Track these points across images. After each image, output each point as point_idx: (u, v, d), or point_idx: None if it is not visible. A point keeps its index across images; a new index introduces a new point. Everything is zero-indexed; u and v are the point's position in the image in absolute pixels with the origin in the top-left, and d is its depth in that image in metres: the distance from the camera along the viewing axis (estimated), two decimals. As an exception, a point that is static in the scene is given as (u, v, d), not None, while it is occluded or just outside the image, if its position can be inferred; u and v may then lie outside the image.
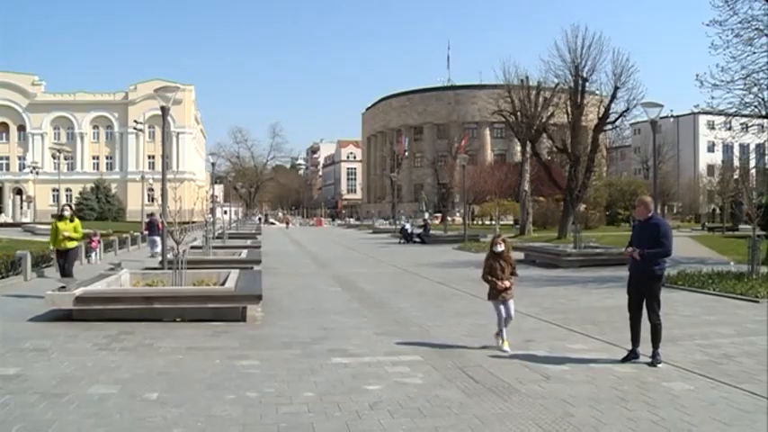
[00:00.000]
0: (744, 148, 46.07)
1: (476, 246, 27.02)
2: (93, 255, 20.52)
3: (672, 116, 77.14)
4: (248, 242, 24.76)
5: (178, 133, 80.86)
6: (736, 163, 56.24)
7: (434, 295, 12.70)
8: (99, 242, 21.55)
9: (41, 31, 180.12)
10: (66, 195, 74.97)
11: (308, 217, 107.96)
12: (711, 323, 9.24)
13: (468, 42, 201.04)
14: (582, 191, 34.11)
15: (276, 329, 8.82)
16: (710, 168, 66.59)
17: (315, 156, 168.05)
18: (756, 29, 17.07)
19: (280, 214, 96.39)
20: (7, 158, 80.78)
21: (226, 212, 68.48)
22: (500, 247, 7.52)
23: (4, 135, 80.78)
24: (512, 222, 53.26)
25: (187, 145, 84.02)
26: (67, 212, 12.24)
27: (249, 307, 9.71)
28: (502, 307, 7.45)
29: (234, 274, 11.18)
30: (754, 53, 17.24)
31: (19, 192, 76.32)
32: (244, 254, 17.86)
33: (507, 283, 7.45)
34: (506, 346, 7.39)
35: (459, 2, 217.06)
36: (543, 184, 43.18)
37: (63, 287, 9.59)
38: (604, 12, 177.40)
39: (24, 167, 75.03)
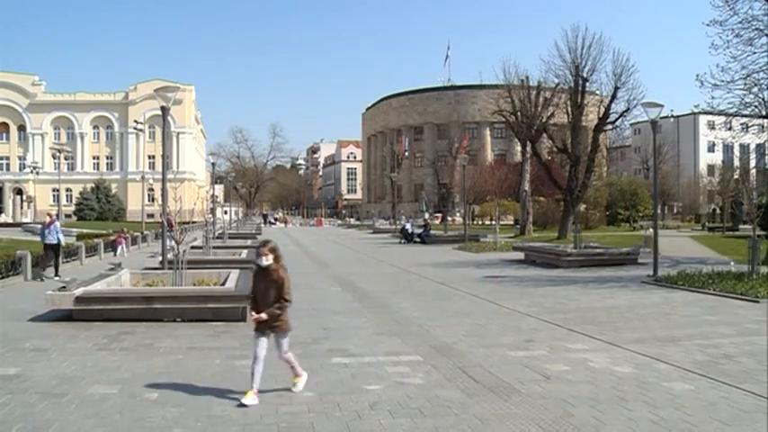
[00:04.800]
0: (744, 148, 45.98)
1: (476, 246, 27.02)
2: (119, 249, 23.54)
3: (672, 116, 77.04)
4: (248, 242, 24.75)
5: (178, 133, 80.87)
6: (737, 163, 56.16)
7: (434, 295, 12.70)
8: (126, 238, 24.95)
9: (41, 31, 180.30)
10: (67, 195, 75.04)
11: (308, 217, 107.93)
12: (712, 323, 9.24)
13: (468, 42, 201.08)
14: (582, 191, 34.12)
15: (276, 329, 8.81)
16: (711, 168, 66.46)
17: (315, 156, 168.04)
18: (756, 29, 17.07)
19: (279, 214, 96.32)
20: (7, 158, 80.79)
21: (226, 212, 68.42)
22: (265, 261, 5.50)
23: (4, 135, 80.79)
24: (512, 222, 53.26)
25: (187, 145, 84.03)
26: None
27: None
28: (259, 342, 5.51)
29: (234, 274, 11.18)
30: (755, 53, 17.25)
31: (19, 192, 76.32)
32: (244, 254, 17.86)
33: (263, 316, 5.42)
34: (247, 397, 5.32)
35: (459, 2, 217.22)
36: (543, 184, 43.15)
37: (63, 287, 9.59)
38: (604, 12, 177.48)
39: (24, 167, 75.03)
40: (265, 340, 5.49)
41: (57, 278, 14.70)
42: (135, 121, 68.98)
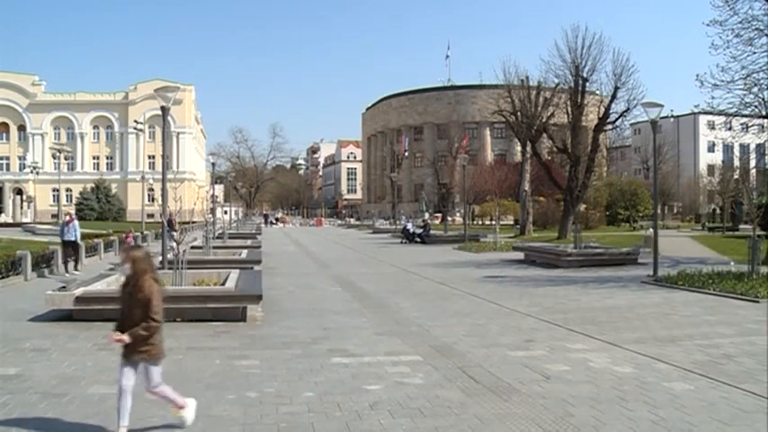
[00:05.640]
0: (744, 148, 45.95)
1: (476, 246, 27.02)
2: None
3: (672, 116, 77.01)
4: (248, 242, 24.77)
5: (178, 133, 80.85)
6: (737, 163, 56.19)
7: (434, 295, 12.70)
8: (134, 238, 25.56)
9: (41, 31, 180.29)
10: (67, 195, 74.99)
11: (308, 217, 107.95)
12: (711, 323, 9.24)
13: (468, 42, 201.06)
14: (582, 191, 34.11)
15: (276, 329, 8.82)
16: (711, 168, 66.48)
17: (315, 156, 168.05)
18: (756, 29, 17.08)
19: (280, 214, 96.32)
20: (7, 158, 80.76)
21: (226, 212, 68.40)
22: (125, 269, 4.61)
23: (4, 135, 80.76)
24: (512, 222, 53.26)
25: (187, 145, 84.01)
26: None
27: (249, 307, 9.72)
28: (125, 371, 4.54)
29: (234, 274, 11.18)
30: (755, 53, 17.26)
31: (19, 192, 76.29)
32: (244, 254, 17.86)
33: (125, 338, 4.42)
34: None
35: (459, 2, 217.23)
36: (543, 184, 43.16)
37: (63, 287, 9.59)
38: (604, 12, 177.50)
39: (24, 167, 74.99)
40: (132, 370, 4.55)
41: (77, 272, 16.14)
42: (135, 121, 68.94)
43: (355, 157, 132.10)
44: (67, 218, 17.87)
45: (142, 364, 4.57)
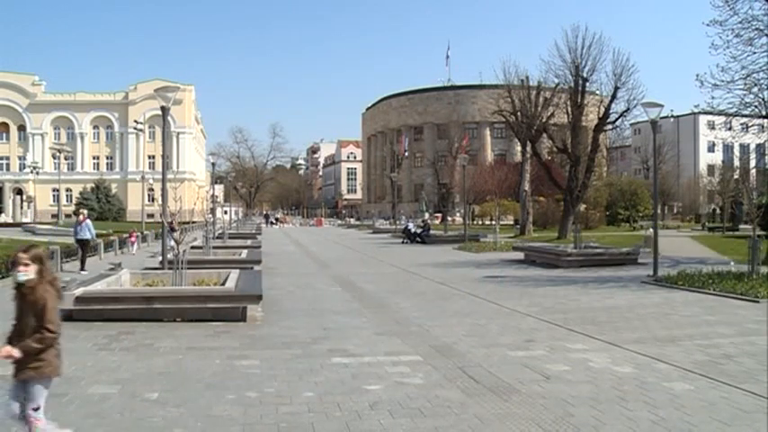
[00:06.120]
0: (744, 148, 45.95)
1: (476, 246, 27.02)
2: (132, 247, 25.91)
3: (672, 116, 77.00)
4: (248, 242, 24.77)
5: (178, 133, 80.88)
6: (737, 163, 56.16)
7: (435, 295, 12.70)
8: (137, 237, 27.44)
9: (41, 31, 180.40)
10: (67, 195, 75.01)
11: (308, 217, 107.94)
12: (711, 323, 9.23)
13: (468, 42, 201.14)
14: (582, 191, 34.11)
15: (276, 329, 8.82)
16: (711, 168, 66.49)
17: (315, 156, 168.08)
18: (756, 29, 17.08)
19: (280, 214, 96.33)
20: (7, 158, 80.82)
21: (226, 212, 68.40)
22: (23, 275, 3.87)
23: (4, 135, 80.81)
24: (512, 222, 53.26)
25: (187, 145, 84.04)
26: None
27: (249, 307, 9.71)
28: (15, 393, 3.99)
29: (234, 274, 11.18)
30: (755, 53, 17.27)
31: (19, 192, 76.30)
32: (244, 254, 17.86)
33: (15, 353, 3.78)
34: None
35: (459, 2, 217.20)
36: (543, 184, 43.18)
37: (63, 287, 9.58)
38: (604, 12, 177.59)
39: (24, 167, 75.06)
40: (21, 392, 3.99)
41: (84, 272, 15.70)
42: (135, 121, 68.99)
43: (355, 157, 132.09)
44: (80, 217, 18.30)
45: (22, 384, 3.90)
